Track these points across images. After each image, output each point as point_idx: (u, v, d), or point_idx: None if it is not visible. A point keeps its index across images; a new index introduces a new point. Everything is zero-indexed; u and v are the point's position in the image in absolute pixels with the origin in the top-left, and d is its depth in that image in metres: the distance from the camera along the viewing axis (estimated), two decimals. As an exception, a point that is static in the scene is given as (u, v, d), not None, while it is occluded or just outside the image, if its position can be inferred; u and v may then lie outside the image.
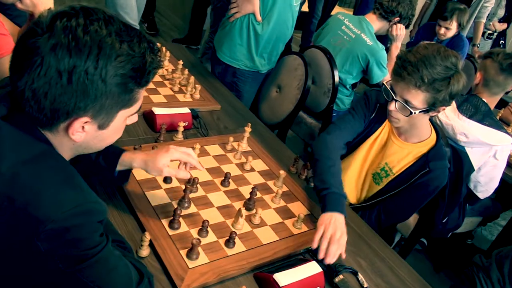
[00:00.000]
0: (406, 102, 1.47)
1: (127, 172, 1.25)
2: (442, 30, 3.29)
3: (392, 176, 1.66)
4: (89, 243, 0.78)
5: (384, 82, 1.54)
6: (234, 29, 2.22)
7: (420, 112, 1.47)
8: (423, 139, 1.63)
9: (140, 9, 3.01)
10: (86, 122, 0.80)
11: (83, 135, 0.83)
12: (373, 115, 1.72)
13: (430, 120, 1.66)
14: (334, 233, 1.28)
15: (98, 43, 0.74)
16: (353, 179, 1.76)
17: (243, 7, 2.16)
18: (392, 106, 1.50)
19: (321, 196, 1.43)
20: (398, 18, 2.63)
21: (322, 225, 1.31)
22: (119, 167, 1.19)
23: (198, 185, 1.41)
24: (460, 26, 3.27)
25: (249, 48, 2.24)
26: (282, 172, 1.54)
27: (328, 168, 1.51)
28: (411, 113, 1.47)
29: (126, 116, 0.88)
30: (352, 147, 1.75)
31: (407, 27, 2.73)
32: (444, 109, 1.51)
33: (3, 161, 0.74)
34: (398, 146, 1.65)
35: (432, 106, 1.46)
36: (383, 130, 1.71)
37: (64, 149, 0.85)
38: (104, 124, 0.84)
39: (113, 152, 1.19)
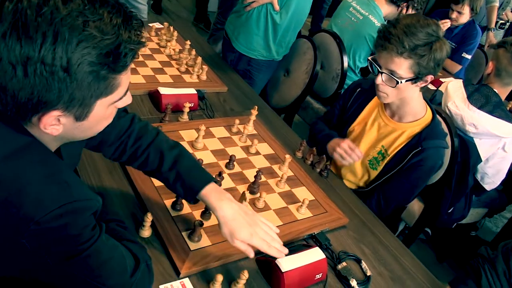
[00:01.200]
0: (392, 72, 1.46)
1: None
2: (454, 14, 3.21)
3: (388, 158, 1.65)
4: (78, 239, 0.74)
5: (369, 58, 1.53)
6: (251, 19, 2.19)
7: (406, 81, 1.46)
8: (417, 118, 1.61)
9: None
10: (59, 115, 0.71)
11: (60, 127, 0.74)
12: (352, 99, 1.74)
13: (426, 100, 1.64)
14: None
15: (53, 26, 0.62)
16: (349, 166, 1.72)
17: None
18: (379, 79, 1.49)
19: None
20: (406, 3, 2.58)
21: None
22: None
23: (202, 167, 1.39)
24: (473, 11, 3.19)
25: (266, 38, 2.22)
26: (287, 156, 1.52)
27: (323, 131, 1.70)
28: (397, 82, 1.45)
29: (108, 104, 0.76)
30: (339, 132, 1.77)
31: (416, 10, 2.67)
32: (432, 78, 1.49)
33: None
34: (391, 127, 1.64)
35: (418, 74, 1.45)
36: (373, 114, 1.69)
37: (46, 140, 0.77)
38: (81, 116, 0.73)
39: (191, 187, 1.04)
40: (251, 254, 1.01)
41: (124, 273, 0.86)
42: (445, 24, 3.22)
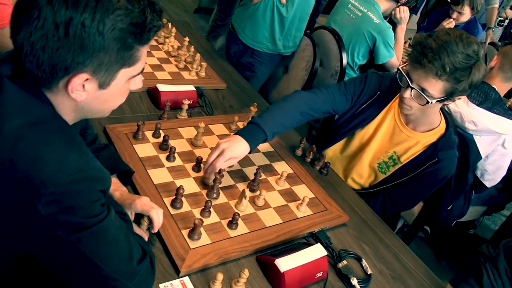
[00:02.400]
0: (423, 90, 1.38)
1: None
2: (455, 15, 3.21)
3: (400, 165, 1.62)
4: (90, 211, 0.77)
5: (400, 68, 1.46)
6: (258, 11, 2.20)
7: (436, 101, 1.40)
8: (432, 128, 1.57)
9: None
10: (86, 79, 0.78)
11: (84, 95, 0.80)
12: (370, 101, 1.64)
13: (440, 108, 1.60)
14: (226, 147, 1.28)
15: None
16: (353, 166, 1.70)
17: None
18: (407, 94, 1.42)
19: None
20: None
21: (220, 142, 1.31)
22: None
23: (202, 164, 1.38)
24: (474, 10, 3.19)
25: (272, 30, 2.23)
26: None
27: (270, 107, 1.49)
28: (427, 102, 1.39)
29: (129, 77, 0.84)
30: (345, 131, 1.68)
31: (412, 9, 2.68)
32: (460, 99, 1.45)
33: (6, 121, 0.73)
34: (406, 135, 1.59)
35: (449, 96, 1.39)
36: (388, 118, 1.63)
37: (66, 111, 0.83)
38: (105, 83, 0.81)
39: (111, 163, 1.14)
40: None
41: (131, 260, 0.86)
42: (450, 24, 3.22)
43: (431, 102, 1.39)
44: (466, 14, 3.19)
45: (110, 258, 0.82)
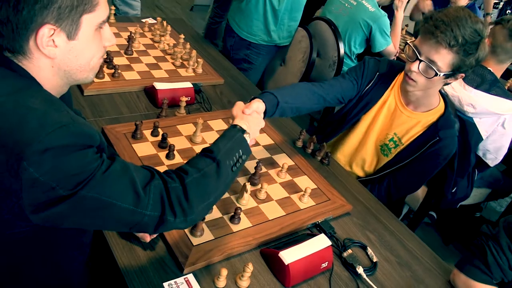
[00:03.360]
0: (432, 63, 1.39)
1: None
2: None
3: (402, 147, 1.62)
4: (84, 161, 0.76)
5: (408, 42, 1.46)
6: (250, 4, 2.21)
7: (443, 75, 1.40)
8: (432, 108, 1.58)
9: None
10: (52, 31, 0.78)
11: (56, 50, 0.81)
12: (371, 83, 1.65)
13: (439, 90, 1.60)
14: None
15: None
16: (359, 151, 1.71)
17: None
18: (415, 67, 1.41)
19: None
20: None
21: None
22: None
23: (202, 161, 1.37)
24: None
25: (266, 22, 2.23)
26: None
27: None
28: (436, 74, 1.39)
29: (95, 25, 0.84)
30: (351, 118, 1.68)
31: None
32: (462, 76, 1.45)
33: None
34: (406, 116, 1.60)
35: (456, 70, 1.40)
36: (389, 100, 1.64)
37: (47, 76, 0.83)
38: (71, 33, 0.81)
39: None
40: None
41: (136, 188, 0.82)
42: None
43: (439, 75, 1.39)
44: None
45: (115, 193, 0.79)
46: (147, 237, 1.09)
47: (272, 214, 1.29)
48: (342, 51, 2.35)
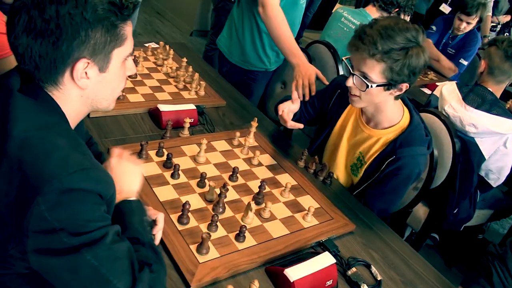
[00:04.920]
0: (364, 75, 1.39)
1: None
2: (463, 25, 3.21)
3: (365, 166, 1.59)
4: (92, 215, 0.78)
5: (343, 58, 1.49)
6: (239, 31, 2.17)
7: (378, 86, 1.39)
8: (393, 124, 1.54)
9: None
10: (87, 63, 0.83)
11: (88, 82, 0.86)
12: (332, 100, 1.70)
13: (408, 104, 1.57)
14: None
15: None
16: (334, 171, 1.69)
17: None
18: (350, 82, 1.42)
19: None
20: (397, 9, 2.61)
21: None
22: None
23: (206, 181, 1.39)
24: (480, 21, 3.22)
25: (255, 49, 2.20)
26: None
27: None
28: (367, 86, 1.38)
29: (123, 58, 0.90)
30: (324, 138, 1.74)
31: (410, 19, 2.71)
32: (407, 87, 1.41)
33: (15, 126, 0.78)
34: (367, 134, 1.58)
35: (390, 81, 1.38)
36: (351, 118, 1.64)
37: (73, 104, 0.88)
38: (103, 66, 0.87)
39: None
40: None
41: (131, 270, 0.83)
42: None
43: (371, 86, 1.38)
44: (473, 24, 3.21)
45: (115, 270, 0.80)
46: None
47: (277, 232, 1.29)
48: (341, 73, 2.39)
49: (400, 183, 1.54)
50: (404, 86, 1.42)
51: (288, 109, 1.60)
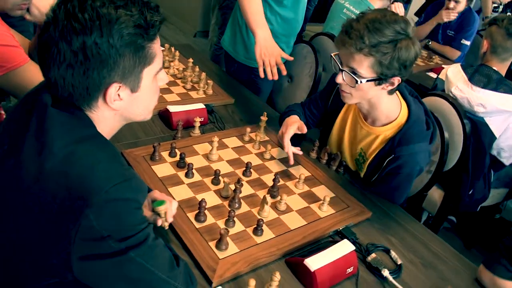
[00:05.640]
0: (353, 71, 1.35)
1: None
2: (452, 4, 3.24)
3: (367, 162, 1.56)
4: (136, 220, 0.83)
5: (332, 54, 1.44)
6: (243, 29, 2.17)
7: (368, 81, 1.34)
8: (390, 121, 1.49)
9: None
10: (119, 87, 0.85)
11: (121, 103, 0.88)
12: (332, 95, 1.68)
13: (405, 98, 1.51)
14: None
15: (96, 15, 0.79)
16: (347, 159, 1.68)
17: None
18: (339, 78, 1.38)
19: None
20: None
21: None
22: None
23: (220, 177, 1.41)
24: (470, 0, 3.22)
25: None
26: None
27: None
28: (356, 82, 1.34)
29: (153, 74, 0.91)
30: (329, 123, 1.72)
31: (407, 2, 2.71)
32: (399, 81, 1.37)
33: (55, 142, 0.80)
34: (366, 131, 1.55)
35: (381, 75, 1.33)
36: (350, 114, 1.61)
37: (108, 123, 0.91)
38: (135, 86, 0.88)
39: None
40: None
41: (171, 263, 0.92)
42: (449, 15, 3.24)
43: (361, 82, 1.34)
44: (462, 3, 3.22)
45: (157, 264, 0.87)
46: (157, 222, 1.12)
47: (294, 224, 1.30)
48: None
49: (403, 181, 1.51)
50: (396, 80, 1.36)
51: (290, 135, 1.56)
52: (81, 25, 0.78)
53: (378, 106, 1.47)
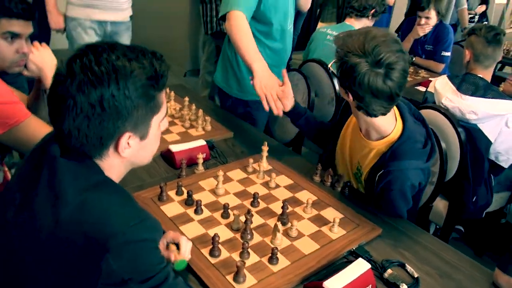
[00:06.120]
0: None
1: None
2: (423, 21, 3.37)
3: (364, 176, 1.60)
4: (155, 259, 0.85)
5: (329, 65, 1.56)
6: (233, 62, 2.22)
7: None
8: (384, 136, 1.52)
9: None
10: (130, 137, 0.89)
11: (130, 150, 0.92)
12: (340, 109, 1.77)
13: (402, 115, 1.54)
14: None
15: (112, 69, 0.83)
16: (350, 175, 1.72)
17: None
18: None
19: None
20: (374, 10, 2.71)
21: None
22: None
23: (229, 211, 1.42)
24: (439, 14, 3.35)
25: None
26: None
27: None
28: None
29: (159, 122, 0.96)
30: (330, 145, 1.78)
31: (383, 12, 2.81)
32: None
33: (68, 191, 0.83)
34: (361, 144, 1.59)
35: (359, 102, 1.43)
36: (351, 127, 1.68)
37: (115, 170, 0.94)
38: (144, 134, 0.93)
39: None
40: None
41: None
42: (422, 29, 3.36)
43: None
44: (433, 18, 3.36)
45: None
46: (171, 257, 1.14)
47: (307, 249, 1.32)
48: (337, 87, 2.46)
49: (396, 197, 1.51)
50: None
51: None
52: (98, 78, 0.82)
53: (373, 120, 1.50)
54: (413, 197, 1.56)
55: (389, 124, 1.52)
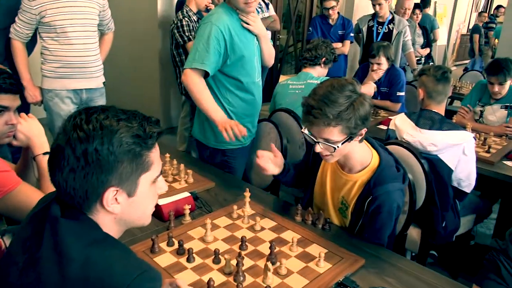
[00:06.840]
0: (327, 140, 1.56)
1: None
2: (375, 67, 3.65)
3: (350, 209, 1.71)
4: None
5: (302, 130, 1.65)
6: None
7: (343, 143, 1.56)
8: (364, 167, 1.67)
9: None
10: (116, 191, 0.92)
11: (119, 207, 0.95)
12: (311, 153, 1.87)
13: (373, 143, 1.71)
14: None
15: (99, 126, 0.90)
16: (328, 216, 1.80)
17: None
18: (318, 148, 1.59)
19: None
20: (324, 58, 2.96)
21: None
22: None
23: (220, 256, 1.49)
24: (389, 60, 3.66)
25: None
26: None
27: None
28: (335, 149, 1.56)
29: (150, 181, 0.98)
30: (309, 185, 1.89)
31: (334, 60, 3.06)
32: (366, 130, 1.59)
33: (72, 248, 0.87)
34: (344, 179, 1.72)
35: (350, 134, 1.55)
36: (329, 167, 1.79)
37: (109, 226, 0.97)
38: (131, 191, 0.95)
39: None
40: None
41: None
42: (375, 73, 3.64)
43: (338, 147, 1.56)
44: (384, 64, 3.66)
45: None
46: None
47: (297, 285, 1.39)
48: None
49: (385, 219, 1.65)
50: (364, 131, 1.59)
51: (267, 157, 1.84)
52: (85, 134, 0.88)
53: (352, 156, 1.67)
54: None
55: (367, 155, 1.69)
